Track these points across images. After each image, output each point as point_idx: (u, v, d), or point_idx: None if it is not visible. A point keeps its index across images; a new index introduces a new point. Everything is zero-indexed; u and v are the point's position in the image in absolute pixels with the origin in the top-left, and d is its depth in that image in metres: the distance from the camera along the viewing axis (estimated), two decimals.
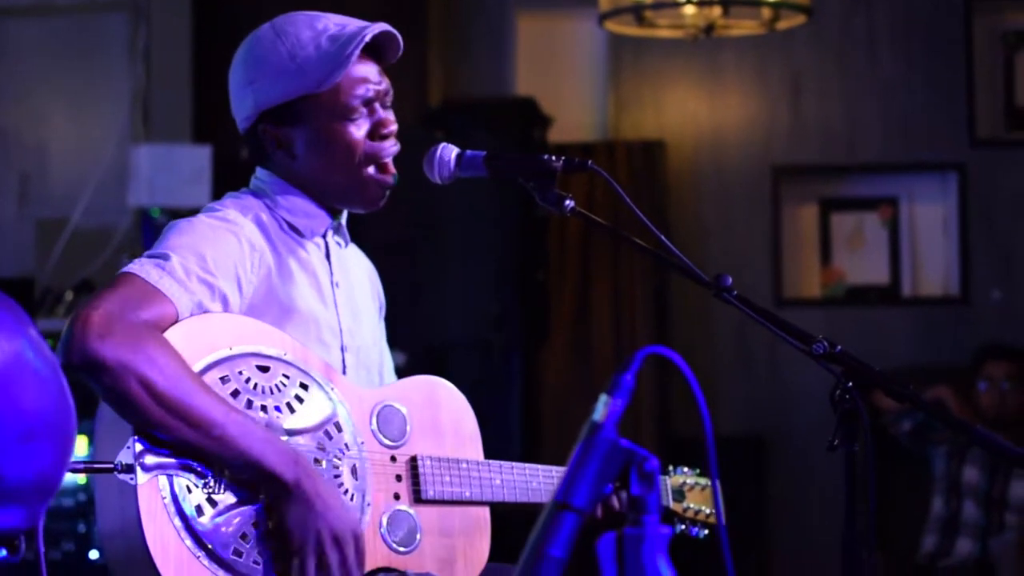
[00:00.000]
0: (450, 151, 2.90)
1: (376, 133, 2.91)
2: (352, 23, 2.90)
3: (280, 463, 2.62)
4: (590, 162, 2.80)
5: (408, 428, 2.91)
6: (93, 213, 6.81)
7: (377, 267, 3.22)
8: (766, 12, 5.82)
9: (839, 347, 2.62)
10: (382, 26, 2.88)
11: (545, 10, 7.77)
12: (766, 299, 7.25)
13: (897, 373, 6.52)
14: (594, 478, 1.61)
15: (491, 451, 3.04)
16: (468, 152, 2.90)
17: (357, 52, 2.85)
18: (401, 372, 3.17)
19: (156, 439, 2.58)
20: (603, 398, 1.66)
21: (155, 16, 7.00)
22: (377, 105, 2.92)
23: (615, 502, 3.08)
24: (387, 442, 2.87)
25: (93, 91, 7.12)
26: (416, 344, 6.52)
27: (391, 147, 2.93)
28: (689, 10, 5.73)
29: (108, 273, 6.52)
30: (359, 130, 2.89)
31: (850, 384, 2.59)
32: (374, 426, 2.86)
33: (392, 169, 2.95)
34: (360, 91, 2.88)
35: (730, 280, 2.69)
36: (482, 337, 6.55)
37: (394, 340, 3.21)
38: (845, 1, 7.46)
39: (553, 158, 2.81)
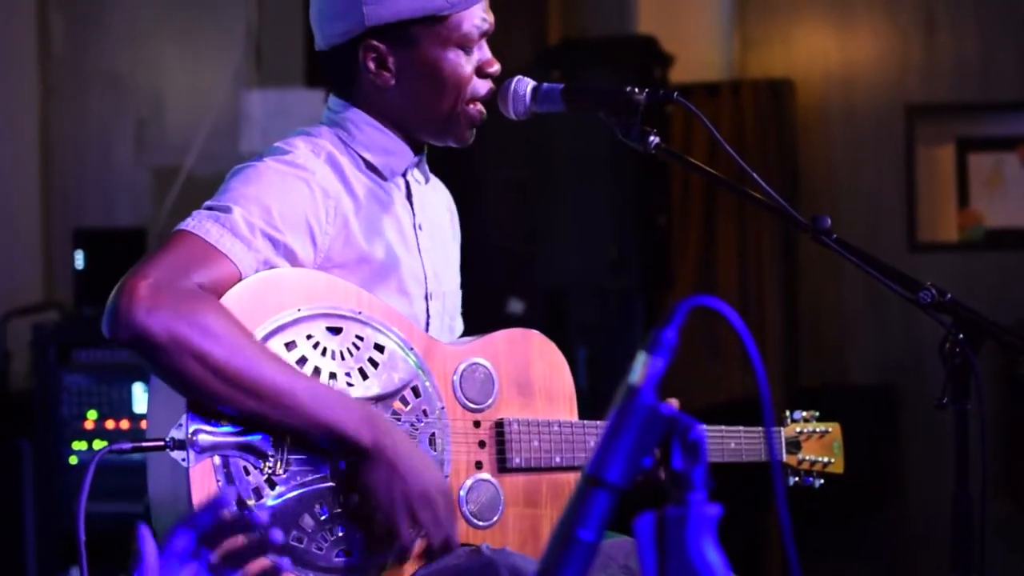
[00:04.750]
0: (525, 84, 2.72)
1: (482, 71, 2.74)
2: None
3: (356, 427, 2.45)
4: (676, 93, 2.61)
5: (495, 388, 2.72)
6: (207, 160, 6.71)
7: (494, 210, 3.04)
8: None
9: (948, 295, 2.43)
10: None
11: None
12: (900, 243, 7.10)
13: None
14: (631, 449, 1.39)
15: (608, 399, 2.85)
16: (544, 85, 2.72)
17: None
18: (519, 321, 2.98)
19: (214, 414, 2.42)
20: (641, 357, 1.44)
21: None
22: (484, 42, 2.75)
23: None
24: (471, 405, 2.69)
25: (206, 35, 7.03)
26: (533, 289, 6.37)
27: (491, 88, 2.76)
28: None
29: None
30: (469, 64, 2.72)
31: (960, 336, 2.41)
32: (456, 388, 2.67)
33: (484, 110, 2.77)
34: (479, 22, 2.71)
35: (828, 222, 2.49)
36: (600, 282, 6.38)
37: (511, 286, 3.02)
38: None
39: (636, 90, 2.61)
